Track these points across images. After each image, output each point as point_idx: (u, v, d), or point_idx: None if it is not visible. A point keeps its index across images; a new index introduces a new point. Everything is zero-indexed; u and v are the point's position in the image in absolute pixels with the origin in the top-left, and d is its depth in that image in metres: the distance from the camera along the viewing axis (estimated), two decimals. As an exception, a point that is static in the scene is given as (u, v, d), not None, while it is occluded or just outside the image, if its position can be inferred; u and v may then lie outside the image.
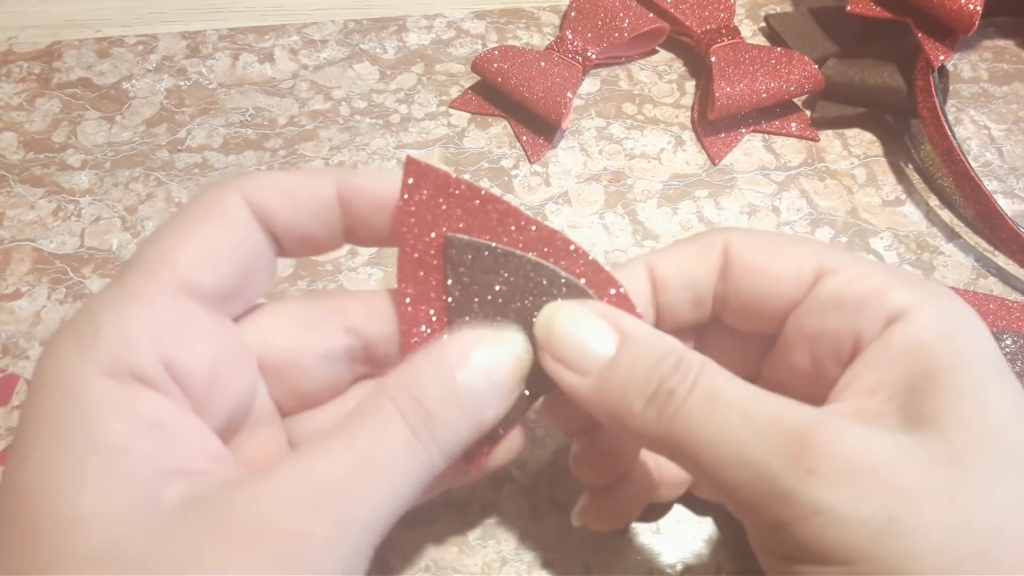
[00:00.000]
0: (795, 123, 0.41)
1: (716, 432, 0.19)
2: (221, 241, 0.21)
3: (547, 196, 0.38)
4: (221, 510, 0.18)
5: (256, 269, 0.23)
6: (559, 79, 0.39)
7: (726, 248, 0.24)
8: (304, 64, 0.42)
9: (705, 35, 0.41)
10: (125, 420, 0.19)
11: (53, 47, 0.43)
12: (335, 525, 0.19)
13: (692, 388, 0.20)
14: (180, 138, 0.39)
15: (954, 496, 0.18)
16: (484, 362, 0.22)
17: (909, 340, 0.21)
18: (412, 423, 0.21)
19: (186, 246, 0.21)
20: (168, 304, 0.20)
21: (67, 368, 0.19)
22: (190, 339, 0.21)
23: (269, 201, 0.22)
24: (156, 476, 0.19)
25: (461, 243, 0.23)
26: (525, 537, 0.30)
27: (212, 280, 0.21)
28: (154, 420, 0.19)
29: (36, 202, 0.37)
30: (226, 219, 0.22)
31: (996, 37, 0.45)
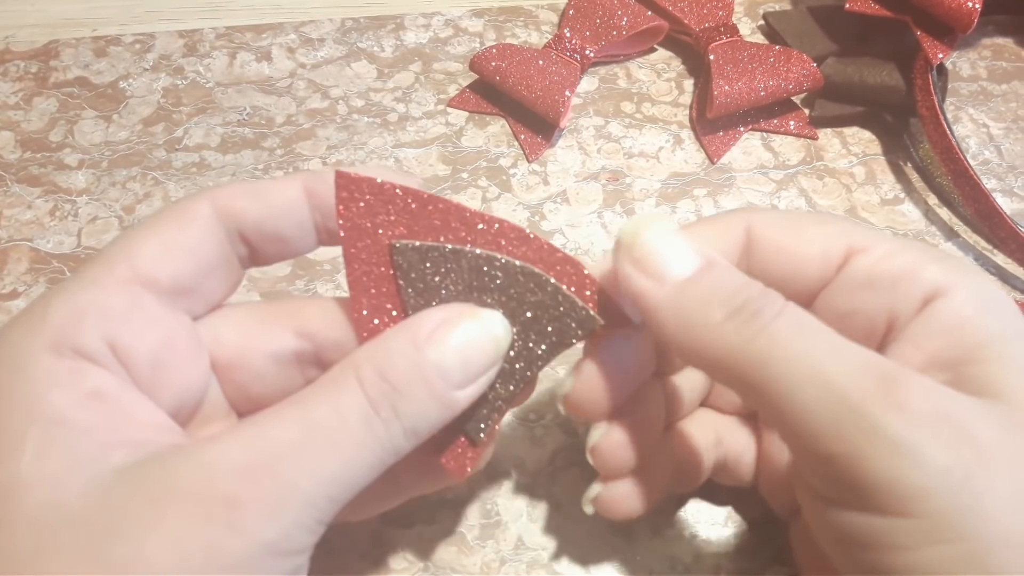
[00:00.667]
0: (794, 121, 0.41)
1: (801, 352, 0.19)
2: (180, 238, 0.22)
3: (545, 195, 0.38)
4: (160, 474, 0.19)
5: (215, 268, 0.23)
6: (557, 77, 0.39)
7: (749, 229, 0.23)
8: (302, 63, 0.42)
9: (704, 33, 0.41)
10: (68, 392, 0.19)
11: (50, 46, 0.42)
12: (272, 493, 0.19)
13: (779, 313, 0.20)
14: (177, 137, 0.39)
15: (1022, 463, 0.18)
16: (457, 338, 0.21)
17: (952, 316, 0.21)
18: (372, 395, 0.20)
19: (146, 242, 0.22)
20: (119, 291, 0.21)
21: (14, 345, 0.20)
22: (137, 324, 0.21)
23: (237, 203, 0.23)
24: (98, 445, 0.19)
25: (407, 249, 0.22)
26: (524, 537, 0.30)
27: (167, 273, 0.22)
28: (96, 392, 0.20)
29: (33, 202, 0.37)
30: (188, 219, 0.22)
31: (995, 35, 0.45)
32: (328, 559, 0.29)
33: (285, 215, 0.23)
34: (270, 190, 0.23)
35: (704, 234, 0.23)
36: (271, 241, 0.24)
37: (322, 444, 0.19)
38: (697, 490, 0.30)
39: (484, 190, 0.38)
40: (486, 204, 0.38)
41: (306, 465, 0.19)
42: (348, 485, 0.20)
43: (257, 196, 0.23)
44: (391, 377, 0.20)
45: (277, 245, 0.24)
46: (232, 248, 0.23)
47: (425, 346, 0.21)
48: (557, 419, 0.32)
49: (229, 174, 0.38)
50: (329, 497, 0.20)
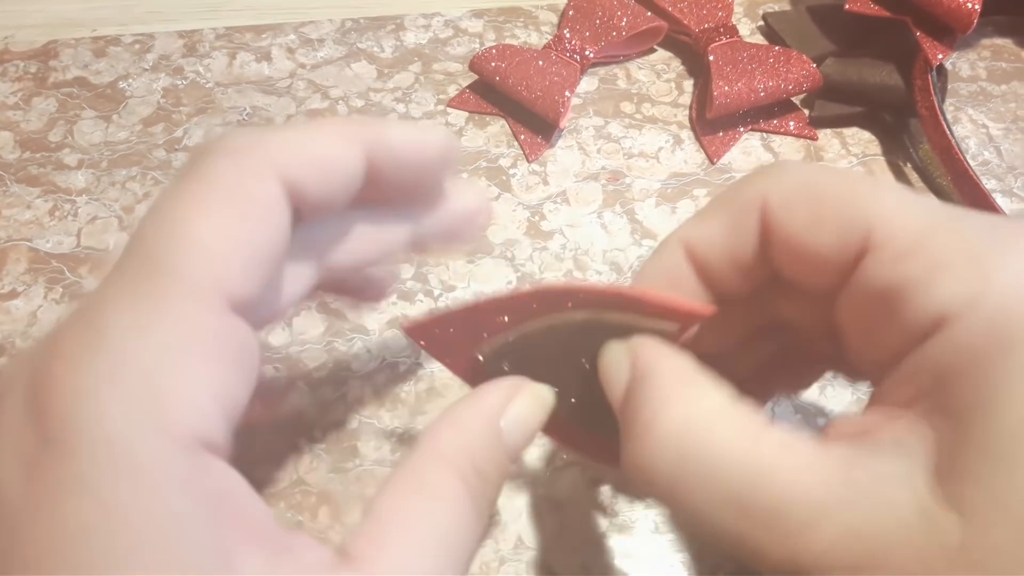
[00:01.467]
0: (793, 122, 0.41)
1: None
2: (260, 241, 0.17)
3: (545, 195, 0.38)
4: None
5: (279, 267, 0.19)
6: (557, 78, 0.39)
7: (764, 213, 0.20)
8: (301, 63, 0.42)
9: (703, 34, 0.41)
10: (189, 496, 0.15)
11: (49, 46, 0.42)
12: None
13: None
14: (177, 137, 0.39)
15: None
16: (520, 411, 0.22)
17: (949, 356, 0.16)
18: (474, 492, 0.20)
19: (227, 248, 0.17)
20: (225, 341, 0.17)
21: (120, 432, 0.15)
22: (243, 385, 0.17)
23: (303, 178, 0.18)
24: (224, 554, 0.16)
25: (487, 353, 0.24)
26: (523, 537, 0.29)
27: (253, 292, 0.17)
28: (218, 493, 0.16)
29: (32, 201, 0.37)
30: (264, 211, 0.17)
31: (994, 36, 0.45)
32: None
33: (343, 191, 0.19)
34: (331, 157, 0.19)
35: (714, 226, 0.22)
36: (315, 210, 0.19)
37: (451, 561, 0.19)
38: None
39: (484, 190, 0.38)
40: (486, 204, 0.38)
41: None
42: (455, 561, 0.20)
43: (319, 167, 0.18)
44: (482, 467, 0.21)
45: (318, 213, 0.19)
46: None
47: (501, 425, 0.22)
48: (557, 419, 0.32)
49: (229, 174, 0.38)
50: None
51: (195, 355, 0.16)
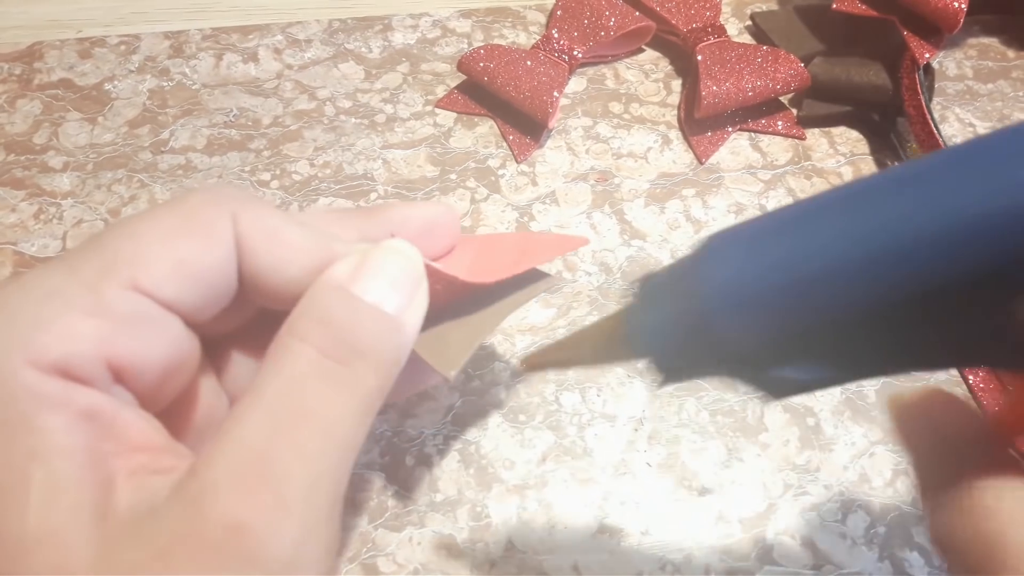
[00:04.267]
0: (781, 121, 0.41)
1: None
2: (197, 258, 0.20)
3: (534, 196, 0.38)
4: (162, 526, 0.17)
5: (221, 303, 0.21)
6: (545, 78, 0.39)
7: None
8: (288, 64, 0.42)
9: (691, 34, 0.41)
10: (59, 414, 0.17)
11: (34, 47, 0.42)
12: (271, 505, 0.17)
13: None
14: (163, 139, 0.39)
15: None
16: (374, 267, 0.21)
17: None
18: (323, 346, 0.19)
19: (156, 253, 0.19)
20: (121, 300, 0.19)
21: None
22: (143, 339, 0.19)
23: (254, 237, 0.21)
24: (98, 485, 0.17)
25: None
26: (514, 539, 0.29)
27: (174, 297, 0.19)
28: (89, 412, 0.18)
29: (17, 205, 0.37)
30: (206, 235, 0.20)
31: (981, 35, 0.45)
32: (317, 563, 0.28)
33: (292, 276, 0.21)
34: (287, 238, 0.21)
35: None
36: (261, 291, 0.21)
37: (292, 420, 0.18)
38: (690, 490, 0.31)
39: (472, 191, 0.38)
40: (475, 205, 0.37)
41: (290, 454, 0.18)
42: (347, 442, 0.19)
43: (274, 241, 0.21)
44: (331, 320, 0.20)
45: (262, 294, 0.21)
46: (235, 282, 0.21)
47: (351, 284, 0.20)
48: (546, 421, 0.32)
49: (215, 176, 0.38)
50: (332, 465, 0.18)
51: (87, 309, 0.18)
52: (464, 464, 0.31)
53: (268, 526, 0.17)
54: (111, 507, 0.17)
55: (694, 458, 0.31)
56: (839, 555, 0.30)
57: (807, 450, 0.32)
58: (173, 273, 0.19)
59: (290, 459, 0.18)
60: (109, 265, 0.19)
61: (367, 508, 0.30)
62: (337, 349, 0.19)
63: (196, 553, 0.17)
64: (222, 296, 0.21)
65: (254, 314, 0.23)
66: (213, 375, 0.23)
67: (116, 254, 0.19)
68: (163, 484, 0.18)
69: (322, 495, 0.18)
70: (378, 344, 0.20)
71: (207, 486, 0.17)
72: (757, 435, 0.32)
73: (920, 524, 0.30)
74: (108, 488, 0.18)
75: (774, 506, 0.30)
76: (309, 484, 0.18)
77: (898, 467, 0.31)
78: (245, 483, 0.17)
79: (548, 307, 0.34)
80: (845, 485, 0.31)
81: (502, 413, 0.32)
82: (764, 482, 0.31)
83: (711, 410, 0.32)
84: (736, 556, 0.29)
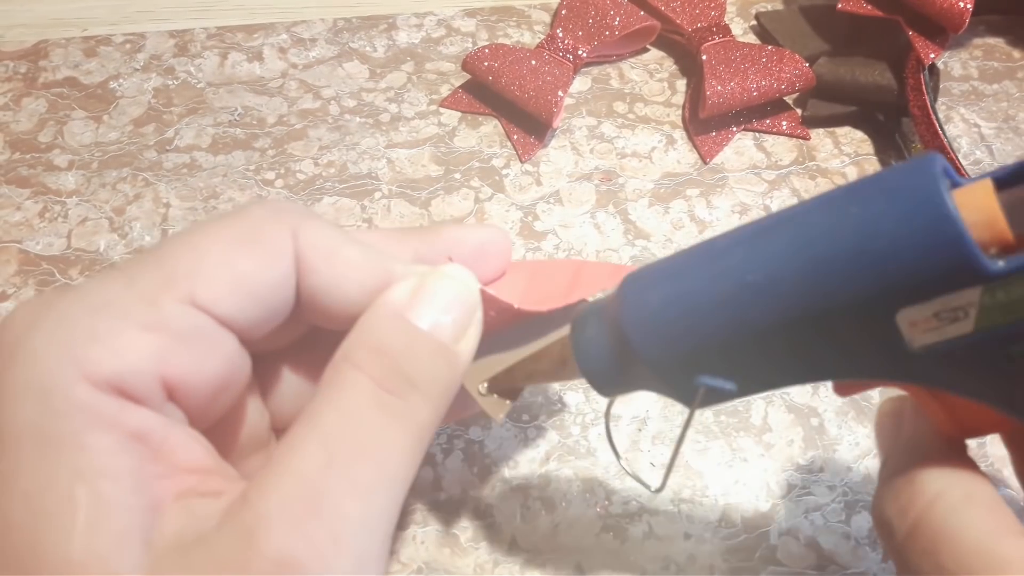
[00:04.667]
0: (786, 122, 0.41)
1: None
2: (255, 276, 0.19)
3: (538, 195, 0.38)
4: (212, 551, 0.17)
5: (278, 319, 0.21)
6: (550, 78, 0.39)
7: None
8: (293, 63, 0.42)
9: (696, 33, 0.41)
10: (108, 434, 0.17)
11: (39, 46, 0.42)
12: (323, 539, 0.17)
13: None
14: (168, 138, 0.39)
15: None
16: (432, 294, 0.21)
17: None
18: (379, 376, 0.19)
19: (216, 269, 0.19)
20: (179, 316, 0.18)
21: (42, 370, 0.17)
22: (198, 356, 0.19)
23: (312, 256, 0.20)
24: (147, 506, 0.17)
25: None
26: (517, 538, 0.29)
27: (230, 314, 0.19)
28: (139, 433, 0.18)
29: (22, 203, 0.37)
30: (266, 252, 0.20)
31: (986, 35, 0.45)
32: (321, 562, 0.28)
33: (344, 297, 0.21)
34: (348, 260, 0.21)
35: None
36: (315, 310, 0.21)
37: (347, 455, 0.18)
38: (693, 491, 0.31)
39: (477, 191, 0.38)
40: (479, 205, 0.37)
41: (342, 489, 0.17)
42: (400, 477, 0.19)
43: (332, 262, 0.20)
44: (388, 350, 0.19)
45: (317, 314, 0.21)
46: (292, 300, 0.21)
47: (408, 311, 0.20)
48: (550, 420, 0.32)
49: (220, 175, 0.38)
50: (384, 510, 0.18)
51: (133, 319, 0.18)
52: (468, 463, 0.31)
53: (320, 563, 0.17)
54: (158, 532, 0.17)
55: (698, 458, 0.31)
56: (843, 556, 0.30)
57: (811, 450, 0.32)
58: (233, 289, 0.19)
59: (344, 494, 0.17)
60: (168, 278, 0.19)
61: (371, 507, 0.30)
62: (393, 380, 0.19)
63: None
64: (279, 314, 0.21)
65: (304, 332, 0.23)
66: (257, 392, 0.23)
67: (175, 267, 0.19)
68: (212, 508, 0.18)
69: (374, 531, 0.18)
70: (433, 375, 0.20)
71: (260, 518, 0.17)
72: (761, 435, 0.32)
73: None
74: (155, 512, 0.17)
75: (778, 506, 0.30)
76: (362, 520, 0.18)
77: (902, 468, 0.31)
78: (298, 517, 0.17)
79: (552, 307, 0.34)
80: (849, 485, 0.31)
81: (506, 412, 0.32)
82: (768, 482, 0.31)
83: (715, 410, 0.32)
84: (740, 556, 0.29)
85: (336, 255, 0.21)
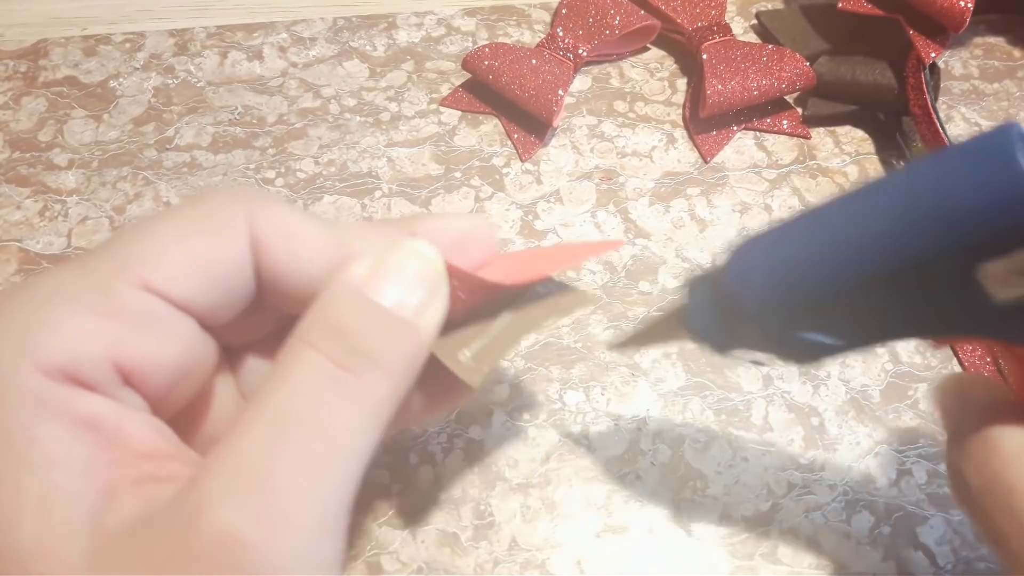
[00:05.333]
0: (787, 121, 0.41)
1: None
2: (209, 256, 0.19)
3: (539, 194, 0.38)
4: (159, 538, 0.17)
5: (237, 301, 0.21)
6: (550, 77, 0.39)
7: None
8: (293, 62, 0.42)
9: (696, 32, 0.41)
10: (59, 424, 0.17)
11: (39, 45, 0.42)
12: (270, 518, 0.17)
13: None
14: (168, 137, 0.39)
15: None
16: (391, 268, 0.20)
17: None
18: (333, 354, 0.18)
19: (167, 250, 0.19)
20: (132, 301, 0.18)
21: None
22: (153, 341, 0.19)
23: (271, 235, 0.20)
24: (97, 495, 0.17)
25: None
26: (518, 537, 0.29)
27: (185, 296, 0.19)
28: (91, 421, 0.18)
29: (22, 202, 0.37)
30: (219, 233, 0.19)
31: (987, 34, 0.45)
32: (321, 561, 0.28)
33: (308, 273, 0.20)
34: (305, 235, 0.20)
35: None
36: (278, 292, 0.21)
37: (298, 432, 0.17)
38: (694, 490, 0.30)
39: (477, 189, 0.38)
40: (479, 203, 0.37)
41: (291, 466, 0.17)
42: (353, 452, 0.18)
43: (291, 238, 0.20)
44: (343, 327, 0.19)
45: (280, 296, 0.21)
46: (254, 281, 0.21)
47: (365, 288, 0.20)
48: (550, 419, 0.32)
49: (221, 174, 0.38)
50: (335, 485, 0.18)
51: (96, 310, 0.18)
52: (468, 462, 0.31)
53: (265, 540, 0.16)
54: (112, 518, 0.17)
55: (698, 457, 0.31)
56: (843, 555, 0.30)
57: (811, 450, 0.32)
58: (186, 271, 0.19)
59: (294, 470, 0.17)
60: (121, 264, 0.18)
61: (371, 506, 0.30)
62: (348, 358, 0.19)
63: (189, 565, 0.16)
64: (238, 297, 0.20)
65: (277, 323, 0.23)
66: (234, 384, 0.23)
67: (128, 253, 0.19)
68: (167, 493, 0.17)
69: (325, 507, 0.17)
70: (391, 351, 0.19)
71: (203, 497, 0.17)
72: (762, 434, 0.32)
73: (925, 524, 0.30)
74: (109, 498, 0.17)
75: (778, 506, 0.30)
76: (313, 495, 0.17)
77: (902, 467, 0.31)
78: (243, 494, 0.17)
79: (552, 306, 0.34)
80: (849, 485, 0.31)
81: (506, 411, 0.32)
82: (768, 482, 0.31)
83: (715, 409, 0.32)
84: (740, 555, 0.29)
85: (293, 232, 0.20)
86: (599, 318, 0.34)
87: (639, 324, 0.34)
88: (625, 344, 0.28)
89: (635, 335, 0.27)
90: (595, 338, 0.34)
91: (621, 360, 0.33)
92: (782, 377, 0.33)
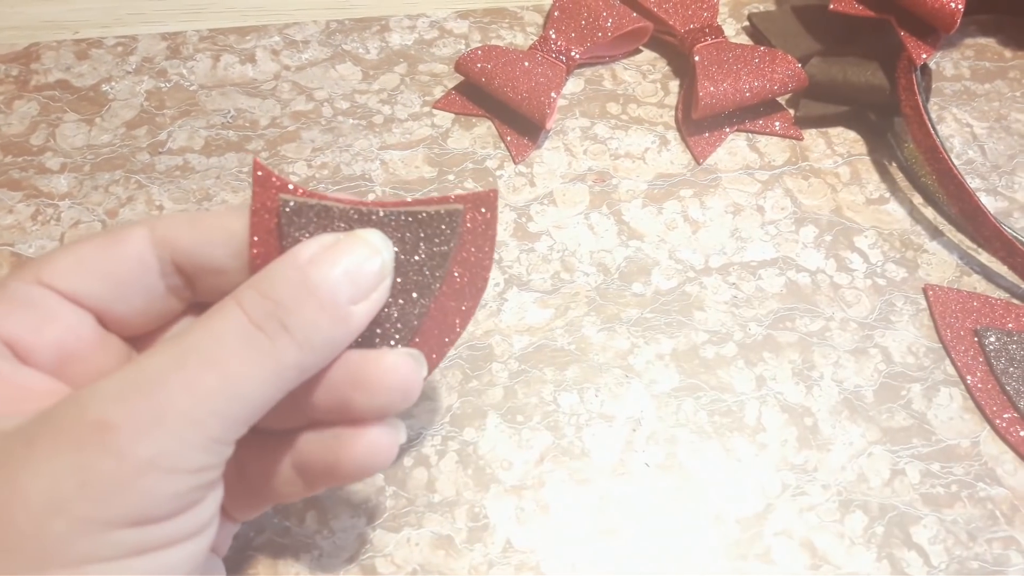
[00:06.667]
0: (779, 122, 0.41)
1: None
2: (98, 257, 0.22)
3: (532, 196, 0.38)
4: (39, 420, 0.19)
5: (133, 294, 0.23)
6: (543, 79, 0.39)
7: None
8: (286, 65, 0.42)
9: (688, 34, 0.41)
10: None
11: (31, 49, 0.42)
12: (145, 413, 0.19)
13: None
14: (161, 140, 0.39)
15: None
16: (340, 256, 0.22)
17: None
18: (253, 314, 0.20)
19: (62, 255, 0.22)
20: (20, 289, 0.22)
21: None
22: (35, 320, 0.22)
23: (173, 229, 0.23)
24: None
25: (292, 205, 0.23)
26: (512, 539, 0.29)
27: (71, 288, 0.22)
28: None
29: (14, 206, 0.37)
30: (115, 241, 0.23)
31: (978, 35, 0.45)
32: (315, 563, 0.28)
33: (221, 244, 0.23)
34: (207, 218, 0.23)
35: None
36: (207, 272, 0.23)
37: (196, 363, 0.19)
38: (685, 491, 0.31)
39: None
40: (472, 206, 0.37)
41: (181, 384, 0.19)
42: (241, 400, 0.20)
43: (193, 224, 0.23)
44: (274, 295, 0.20)
45: (214, 277, 0.24)
46: (163, 278, 0.23)
47: (308, 267, 0.21)
48: (544, 421, 0.32)
49: (213, 177, 0.38)
50: (218, 413, 0.19)
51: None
52: (462, 464, 0.31)
53: (135, 430, 0.18)
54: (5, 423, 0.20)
55: (692, 458, 0.31)
56: (837, 555, 0.30)
57: (805, 450, 0.32)
58: (75, 268, 0.22)
59: (178, 389, 0.19)
60: (23, 267, 0.22)
61: (365, 509, 0.30)
62: (266, 321, 0.20)
63: (57, 439, 0.19)
64: (142, 288, 0.23)
65: None
66: None
67: (36, 260, 0.22)
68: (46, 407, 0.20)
69: (200, 429, 0.19)
70: (312, 329, 0.21)
71: (94, 393, 0.19)
72: (755, 435, 0.32)
73: (918, 524, 0.30)
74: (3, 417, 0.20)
75: (772, 506, 0.30)
76: (191, 414, 0.19)
77: (896, 467, 0.31)
78: (127, 396, 0.19)
79: (546, 307, 0.34)
80: (843, 485, 0.31)
81: (500, 414, 0.32)
82: (762, 482, 0.31)
83: (709, 410, 0.32)
84: (734, 556, 0.29)
85: (196, 217, 0.23)
86: (592, 320, 0.34)
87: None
88: None
89: None
90: (588, 340, 0.34)
91: (615, 362, 0.33)
92: (775, 378, 0.33)
